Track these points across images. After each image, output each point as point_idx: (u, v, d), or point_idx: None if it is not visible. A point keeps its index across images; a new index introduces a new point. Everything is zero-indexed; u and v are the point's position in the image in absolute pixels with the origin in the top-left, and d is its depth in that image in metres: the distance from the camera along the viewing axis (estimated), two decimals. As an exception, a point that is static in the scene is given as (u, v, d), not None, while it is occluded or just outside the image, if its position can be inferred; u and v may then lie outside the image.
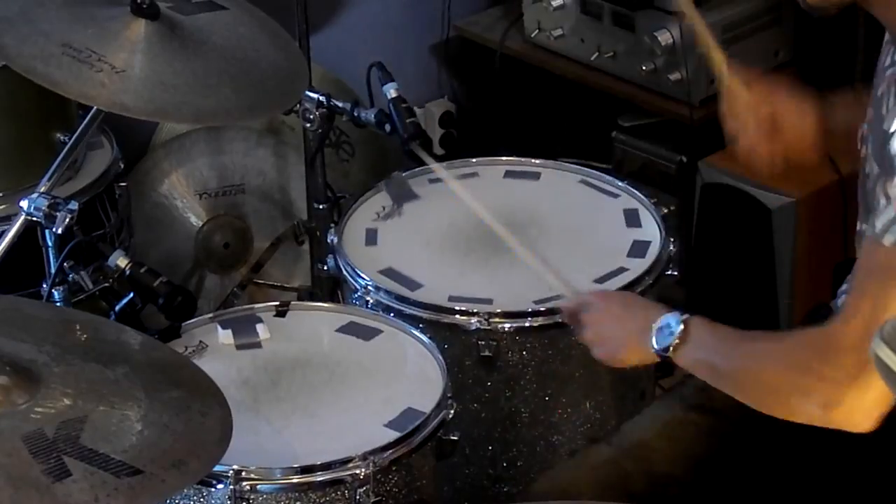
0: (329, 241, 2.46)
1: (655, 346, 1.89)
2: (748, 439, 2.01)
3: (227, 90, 2.12)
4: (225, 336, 2.23)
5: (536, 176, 2.64)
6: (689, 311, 1.91)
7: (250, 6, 2.32)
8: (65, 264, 2.26)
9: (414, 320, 2.27)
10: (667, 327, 1.89)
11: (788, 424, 1.94)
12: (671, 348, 1.87)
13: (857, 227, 1.93)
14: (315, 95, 2.66)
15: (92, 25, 2.10)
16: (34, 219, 2.15)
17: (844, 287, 2.09)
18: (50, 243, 2.23)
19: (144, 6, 2.11)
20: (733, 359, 1.85)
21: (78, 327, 1.81)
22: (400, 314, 2.28)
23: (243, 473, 1.95)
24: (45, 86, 2.02)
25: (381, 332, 2.25)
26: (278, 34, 2.30)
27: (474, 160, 2.68)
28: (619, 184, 2.58)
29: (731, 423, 2.02)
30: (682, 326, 1.87)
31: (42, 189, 2.18)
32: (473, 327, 2.26)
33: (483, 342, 2.27)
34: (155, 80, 2.07)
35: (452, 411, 2.09)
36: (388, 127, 2.55)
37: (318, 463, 1.97)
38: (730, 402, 2.03)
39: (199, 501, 1.99)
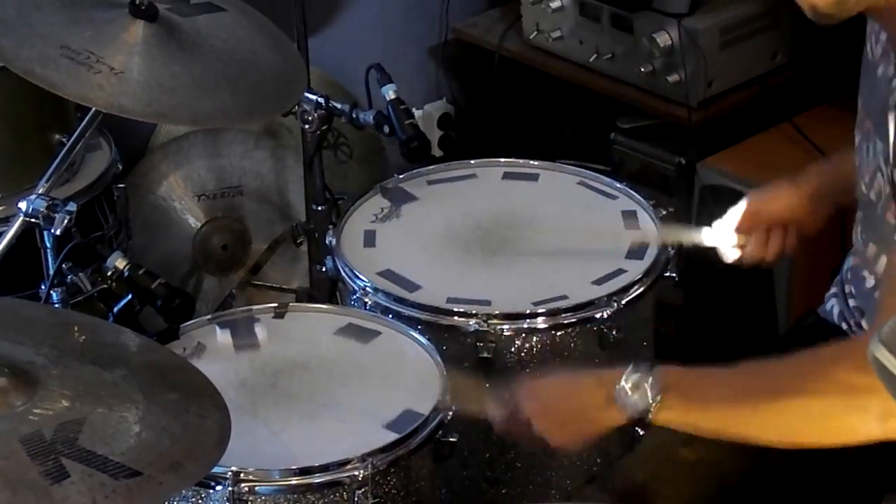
0: (327, 242, 2.46)
1: (636, 408, 1.77)
2: (742, 473, 2.00)
3: (225, 92, 2.12)
4: (223, 338, 2.23)
5: (535, 177, 2.64)
6: (686, 314, 1.90)
7: (248, 8, 2.32)
8: (63, 266, 2.26)
9: (412, 322, 2.27)
10: (637, 387, 1.77)
11: (779, 455, 1.93)
12: (651, 407, 1.76)
13: (867, 256, 1.92)
14: (313, 97, 2.66)
15: (90, 27, 2.10)
16: (33, 220, 2.15)
17: (833, 290, 2.09)
18: (48, 245, 2.22)
19: (143, 7, 2.11)
20: (752, 397, 1.74)
21: (76, 329, 1.81)
22: (398, 316, 2.28)
23: (242, 475, 1.95)
24: (44, 87, 2.02)
25: (379, 333, 2.25)
26: (276, 36, 2.30)
27: (473, 162, 2.69)
28: (618, 185, 2.58)
29: (723, 456, 2.01)
30: (654, 380, 1.77)
31: (40, 190, 2.18)
32: (472, 329, 2.26)
33: (481, 344, 2.27)
34: (153, 81, 2.07)
35: (451, 413, 2.09)
36: (386, 129, 2.56)
37: (317, 464, 1.97)
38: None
39: (198, 503, 1.99)
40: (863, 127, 1.92)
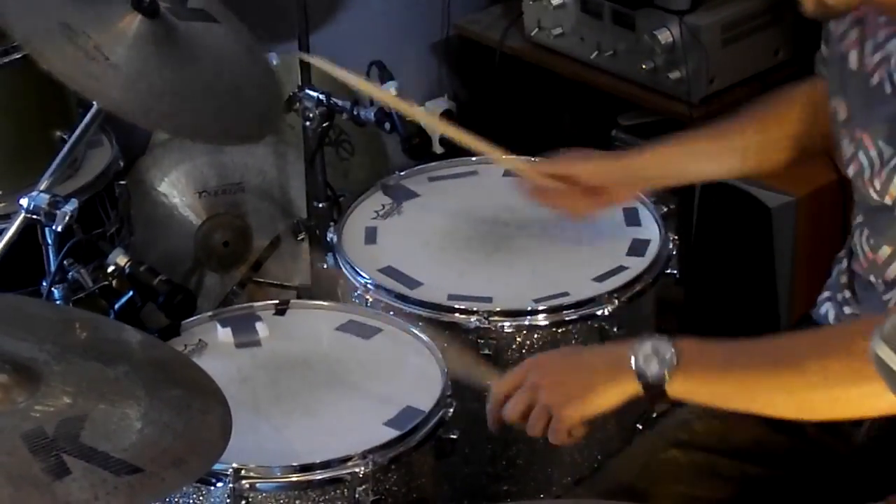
0: (329, 239, 2.46)
1: (650, 376, 1.73)
2: (730, 473, 2.00)
3: (209, 108, 2.11)
4: (224, 334, 2.23)
5: (536, 174, 2.64)
6: (688, 310, 1.88)
7: (239, 25, 2.31)
8: (65, 262, 2.26)
9: (413, 319, 2.27)
10: (654, 353, 1.74)
11: (771, 456, 1.92)
12: (667, 373, 1.72)
13: (876, 261, 1.91)
14: (315, 94, 2.67)
15: (91, 10, 2.10)
16: (34, 217, 2.15)
17: (826, 294, 2.07)
18: (50, 241, 2.23)
19: (145, 3, 2.11)
20: (771, 363, 1.71)
21: (78, 325, 1.81)
22: (400, 313, 2.29)
23: (243, 472, 1.95)
24: (38, 61, 2.02)
25: (380, 330, 2.26)
26: (260, 62, 2.30)
27: (474, 158, 2.68)
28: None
29: (715, 458, 2.00)
30: (673, 348, 1.74)
31: (42, 187, 2.18)
32: (473, 326, 2.26)
33: (482, 341, 2.27)
34: (139, 78, 2.06)
35: (452, 410, 2.09)
36: (387, 125, 2.56)
37: (318, 461, 1.97)
38: (710, 436, 2.01)
39: (199, 500, 1.99)
40: (854, 135, 1.89)
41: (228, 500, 1.95)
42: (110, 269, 2.20)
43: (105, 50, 2.04)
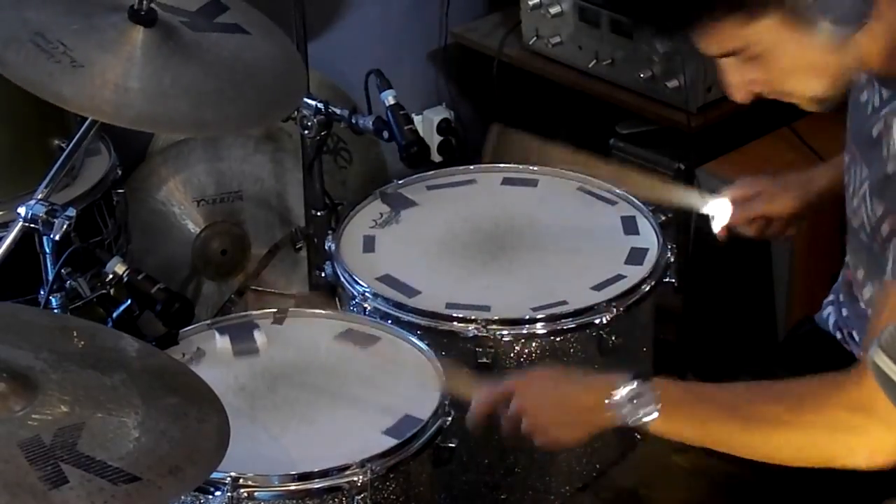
0: (327, 247, 2.46)
1: (629, 421, 1.80)
2: (734, 480, 2.00)
3: (184, 104, 2.11)
4: (222, 343, 2.23)
5: (534, 183, 2.64)
6: (686, 319, 1.89)
7: (280, 35, 2.30)
8: (62, 271, 2.26)
9: (412, 327, 2.27)
10: (637, 397, 1.80)
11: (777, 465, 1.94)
12: (647, 420, 1.79)
13: (856, 278, 1.92)
14: (313, 102, 2.66)
15: (78, 22, 2.10)
16: (32, 225, 2.15)
17: (831, 298, 2.08)
18: (47, 250, 2.22)
19: (142, 12, 2.11)
20: (744, 420, 1.78)
21: (75, 334, 1.81)
22: (398, 321, 2.28)
23: (241, 480, 1.95)
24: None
25: (378, 339, 2.25)
26: (294, 68, 2.29)
27: (472, 167, 2.69)
28: (617, 191, 2.58)
29: (715, 463, 2.01)
30: (655, 393, 1.80)
31: (40, 195, 2.18)
32: (471, 334, 2.26)
33: (480, 349, 2.26)
34: (101, 76, 2.06)
35: (450, 418, 2.09)
36: (385, 134, 2.56)
37: (316, 470, 1.97)
38: None
39: (197, 509, 1.99)
40: (850, 149, 1.92)
41: (226, 509, 1.95)
42: (108, 277, 2.20)
43: (75, 55, 2.03)
